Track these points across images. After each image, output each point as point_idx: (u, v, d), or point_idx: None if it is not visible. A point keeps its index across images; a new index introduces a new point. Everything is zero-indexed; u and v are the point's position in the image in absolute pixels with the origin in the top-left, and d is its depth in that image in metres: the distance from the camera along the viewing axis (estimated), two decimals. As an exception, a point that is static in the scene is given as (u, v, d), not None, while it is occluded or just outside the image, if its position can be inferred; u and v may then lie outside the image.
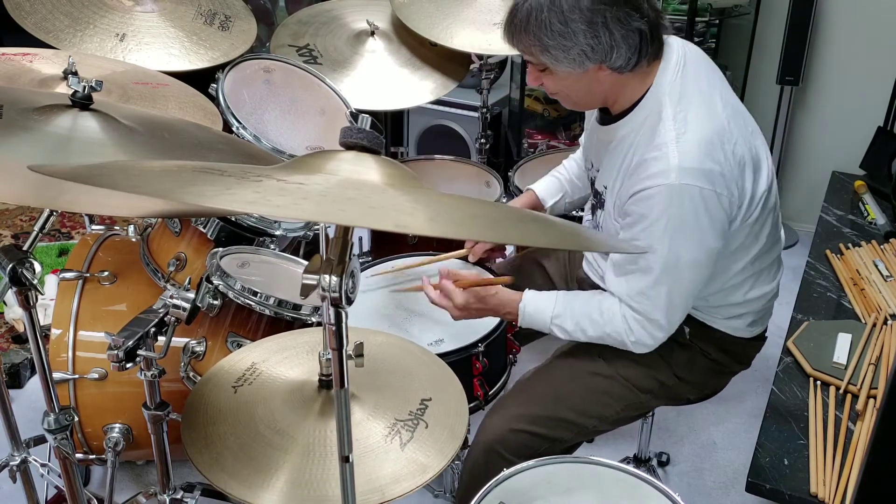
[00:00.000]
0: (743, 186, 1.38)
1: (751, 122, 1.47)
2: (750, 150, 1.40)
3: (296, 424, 1.12)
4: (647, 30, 1.34)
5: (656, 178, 1.34)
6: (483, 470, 1.51)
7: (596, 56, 1.35)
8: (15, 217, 3.30)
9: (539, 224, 0.89)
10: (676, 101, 1.38)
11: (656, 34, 1.37)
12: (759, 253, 1.50)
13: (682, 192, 1.32)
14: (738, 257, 1.48)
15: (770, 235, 1.50)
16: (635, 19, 1.33)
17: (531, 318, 1.53)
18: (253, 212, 1.48)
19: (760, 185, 1.42)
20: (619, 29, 1.33)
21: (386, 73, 2.28)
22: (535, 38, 1.35)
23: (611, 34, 1.33)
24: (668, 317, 1.43)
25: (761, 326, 1.63)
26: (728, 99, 1.43)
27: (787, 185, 3.48)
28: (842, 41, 3.13)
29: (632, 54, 1.35)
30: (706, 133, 1.35)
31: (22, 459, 1.58)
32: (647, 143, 1.38)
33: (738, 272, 1.50)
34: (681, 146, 1.33)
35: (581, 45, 1.33)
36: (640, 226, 1.37)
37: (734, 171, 1.36)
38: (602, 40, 1.33)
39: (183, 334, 1.61)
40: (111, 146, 1.14)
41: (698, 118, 1.36)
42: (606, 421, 1.58)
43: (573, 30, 1.32)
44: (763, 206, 1.43)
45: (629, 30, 1.33)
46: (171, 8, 2.01)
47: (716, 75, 1.47)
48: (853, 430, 1.47)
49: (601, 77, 1.39)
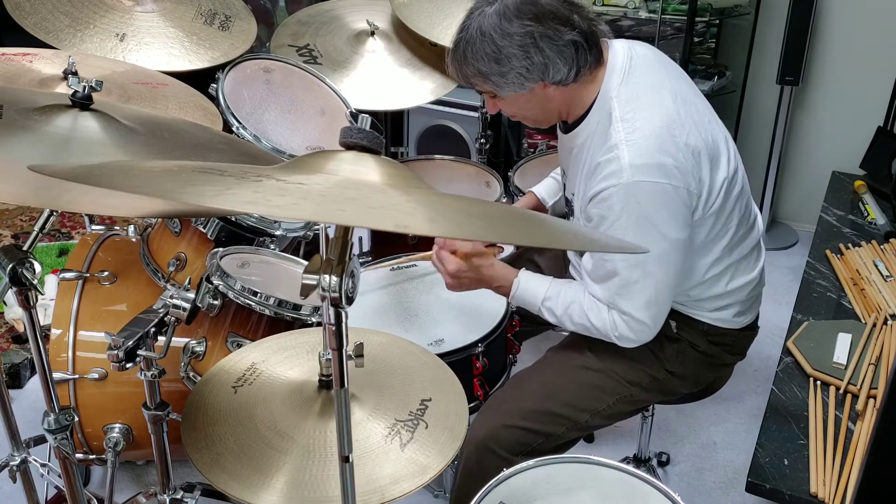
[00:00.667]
0: (700, 177, 1.40)
1: (708, 112, 1.48)
2: (705, 140, 1.41)
3: (295, 425, 1.12)
4: (581, 40, 1.38)
5: (611, 179, 1.37)
6: (477, 467, 1.51)
7: (533, 75, 1.39)
8: (15, 217, 3.30)
9: (538, 224, 0.89)
10: (624, 102, 1.40)
11: (592, 41, 1.40)
12: (733, 242, 1.51)
13: (637, 189, 1.35)
14: (710, 248, 1.49)
15: (741, 224, 1.51)
16: (566, 33, 1.37)
17: (522, 296, 1.55)
18: (253, 212, 1.47)
19: (720, 174, 1.43)
20: (550, 46, 1.37)
21: (386, 73, 2.28)
22: (474, 69, 1.41)
23: (542, 52, 1.37)
24: (649, 313, 1.45)
25: (750, 316, 1.63)
26: (679, 92, 1.45)
27: (787, 185, 3.48)
28: (842, 41, 3.13)
29: (569, 67, 1.39)
30: (655, 128, 1.37)
31: (22, 459, 1.58)
32: (600, 146, 1.41)
33: (714, 263, 1.51)
34: (631, 144, 1.36)
35: (517, 69, 1.39)
36: (602, 227, 1.40)
37: (688, 162, 1.37)
38: (535, 60, 1.37)
39: (183, 334, 1.61)
40: (111, 146, 1.14)
41: (646, 115, 1.38)
42: (600, 415, 1.58)
43: (507, 55, 1.37)
44: (726, 194, 1.44)
45: (561, 44, 1.37)
46: (171, 8, 2.01)
47: (666, 71, 1.49)
48: (853, 430, 1.47)
49: (548, 93, 1.44)
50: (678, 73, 1.52)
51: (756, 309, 1.66)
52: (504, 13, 1.36)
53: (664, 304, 1.48)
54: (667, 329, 1.56)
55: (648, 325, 1.47)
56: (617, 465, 1.31)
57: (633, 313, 1.44)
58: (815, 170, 3.35)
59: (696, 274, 1.52)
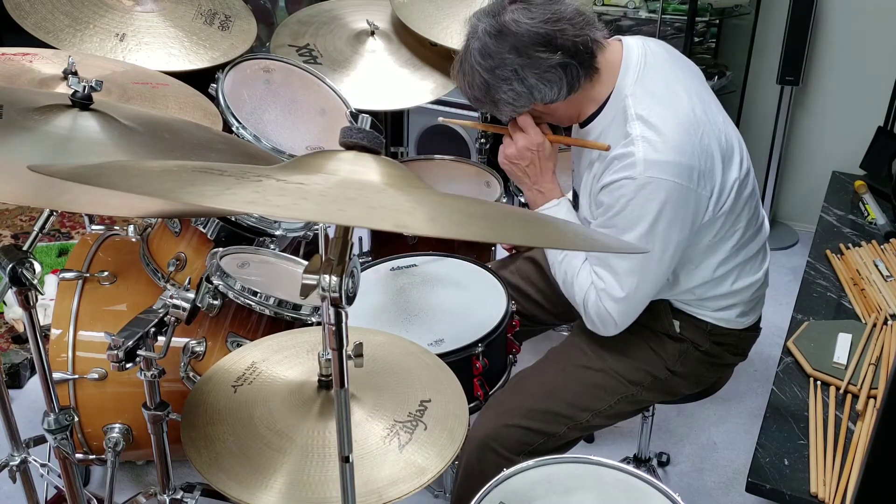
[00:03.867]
0: (713, 178, 1.40)
1: (721, 113, 1.48)
2: (719, 140, 1.41)
3: (294, 425, 1.12)
4: (566, 60, 1.37)
5: (625, 171, 1.37)
6: (478, 466, 1.52)
7: (522, 101, 1.42)
8: (15, 217, 3.30)
9: (538, 224, 0.89)
10: (640, 99, 1.40)
11: (581, 57, 1.39)
12: (741, 243, 1.51)
13: (649, 185, 1.35)
14: (718, 248, 1.49)
15: (749, 225, 1.51)
16: (549, 58, 1.37)
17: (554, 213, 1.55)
18: (253, 212, 1.48)
19: (731, 174, 1.43)
20: (533, 73, 1.38)
21: (386, 73, 2.28)
22: (471, 95, 1.46)
23: (524, 81, 1.39)
24: (619, 306, 1.46)
25: (753, 317, 1.63)
26: (695, 90, 1.45)
27: (787, 185, 3.48)
28: (842, 41, 3.14)
29: (558, 87, 1.40)
30: (671, 126, 1.36)
31: (22, 459, 1.57)
32: (615, 141, 1.41)
33: (720, 263, 1.51)
34: (647, 141, 1.36)
35: (504, 99, 1.42)
36: (608, 215, 1.41)
37: (702, 163, 1.37)
38: (519, 89, 1.40)
39: (183, 334, 1.61)
40: (111, 146, 1.14)
41: (662, 112, 1.38)
42: (601, 415, 1.58)
43: (493, 86, 1.41)
44: (737, 195, 1.44)
45: (544, 70, 1.38)
46: (171, 8, 2.01)
47: (681, 69, 1.49)
48: (853, 430, 1.47)
49: (549, 108, 1.46)
50: (694, 72, 1.52)
51: (759, 310, 1.66)
52: (483, 49, 1.38)
53: (639, 304, 1.48)
54: (670, 328, 1.56)
55: (614, 320, 1.47)
56: (617, 465, 1.31)
57: (614, 293, 1.45)
58: (815, 170, 3.35)
59: (703, 273, 1.51)
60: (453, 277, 1.76)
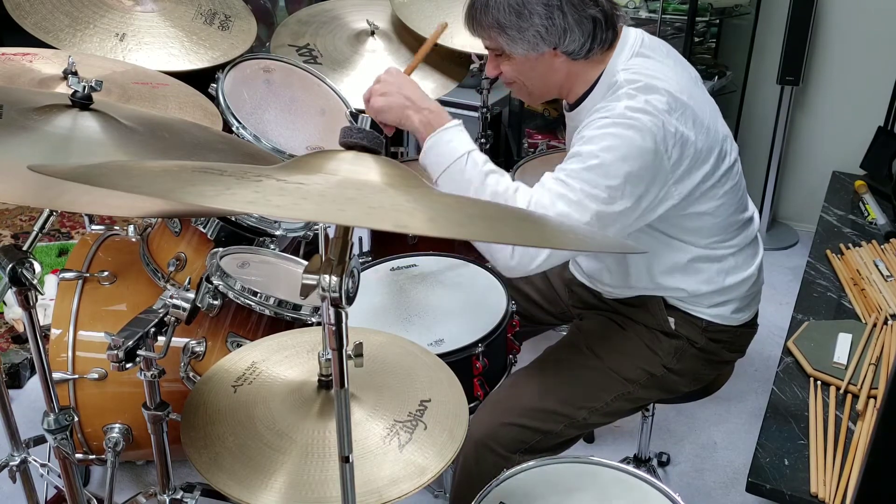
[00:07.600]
0: (692, 139, 1.37)
1: (711, 105, 1.48)
2: (704, 119, 1.41)
3: (294, 425, 1.12)
4: (601, 18, 1.40)
5: (605, 111, 1.36)
6: (476, 465, 1.52)
7: (550, 38, 1.40)
8: (15, 217, 3.30)
9: (538, 224, 0.89)
10: (632, 72, 1.40)
11: (610, 23, 1.42)
12: (729, 221, 1.51)
13: (623, 119, 1.33)
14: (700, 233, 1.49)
15: (732, 198, 1.50)
16: (590, 7, 1.39)
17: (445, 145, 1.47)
18: (253, 212, 1.48)
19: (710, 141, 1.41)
20: (573, 13, 1.38)
21: (386, 73, 2.28)
22: (492, 20, 1.41)
23: (565, 17, 1.38)
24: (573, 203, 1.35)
25: (748, 313, 1.63)
26: (689, 74, 1.47)
27: (787, 185, 3.48)
28: (842, 41, 3.14)
29: (585, 40, 1.41)
30: (658, 88, 1.36)
31: (22, 459, 1.58)
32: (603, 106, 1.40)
33: (710, 245, 1.51)
34: (630, 97, 1.36)
35: (536, 27, 1.39)
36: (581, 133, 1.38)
37: (682, 123, 1.36)
38: (556, 23, 1.39)
39: (183, 334, 1.61)
40: (111, 146, 1.14)
41: (652, 75, 1.38)
42: (597, 412, 1.58)
43: (529, 10, 1.38)
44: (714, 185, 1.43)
45: (583, 16, 1.39)
46: (170, 8, 2.01)
47: (675, 61, 1.49)
48: (853, 430, 1.47)
49: (556, 64, 1.44)
50: (689, 71, 1.51)
51: (755, 306, 1.66)
52: None
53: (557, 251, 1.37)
54: (665, 325, 1.57)
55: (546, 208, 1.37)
56: (617, 465, 1.31)
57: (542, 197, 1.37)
58: (815, 170, 3.35)
59: (693, 249, 1.51)
60: (453, 277, 1.76)
